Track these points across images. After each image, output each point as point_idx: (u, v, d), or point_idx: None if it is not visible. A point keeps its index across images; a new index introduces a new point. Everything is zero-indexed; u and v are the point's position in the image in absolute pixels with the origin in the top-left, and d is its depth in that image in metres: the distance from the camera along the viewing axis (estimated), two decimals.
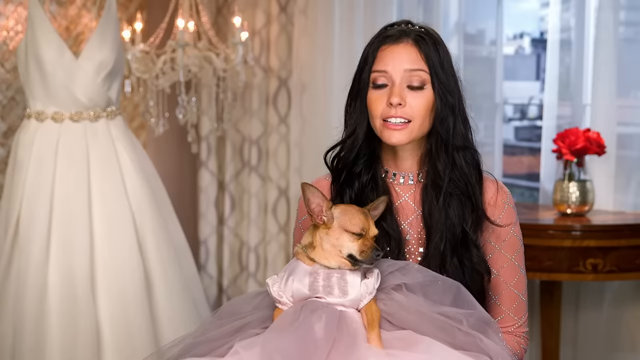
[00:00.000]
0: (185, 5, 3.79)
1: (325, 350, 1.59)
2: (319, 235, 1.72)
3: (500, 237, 1.91)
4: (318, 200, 1.72)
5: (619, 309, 3.49)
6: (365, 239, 1.70)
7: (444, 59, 1.86)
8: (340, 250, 1.69)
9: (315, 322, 1.63)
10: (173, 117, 3.99)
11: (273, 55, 4.17)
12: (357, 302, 1.69)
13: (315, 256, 1.72)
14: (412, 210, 1.92)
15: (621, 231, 3.10)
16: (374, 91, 1.88)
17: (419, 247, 1.91)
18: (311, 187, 1.72)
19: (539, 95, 5.38)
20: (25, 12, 3.59)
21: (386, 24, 1.94)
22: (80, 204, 3.31)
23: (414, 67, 1.84)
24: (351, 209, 1.73)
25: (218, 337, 1.74)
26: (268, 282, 1.75)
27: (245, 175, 4.38)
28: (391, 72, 1.85)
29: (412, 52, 1.85)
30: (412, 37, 1.86)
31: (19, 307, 3.21)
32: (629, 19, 3.44)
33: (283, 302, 1.73)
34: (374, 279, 1.71)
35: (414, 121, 1.84)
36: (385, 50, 1.87)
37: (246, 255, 4.39)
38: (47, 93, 3.35)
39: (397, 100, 1.83)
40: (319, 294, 1.69)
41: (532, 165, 4.97)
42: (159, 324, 3.37)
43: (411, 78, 1.84)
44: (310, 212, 1.73)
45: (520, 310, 1.93)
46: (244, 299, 1.88)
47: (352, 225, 1.70)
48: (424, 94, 1.84)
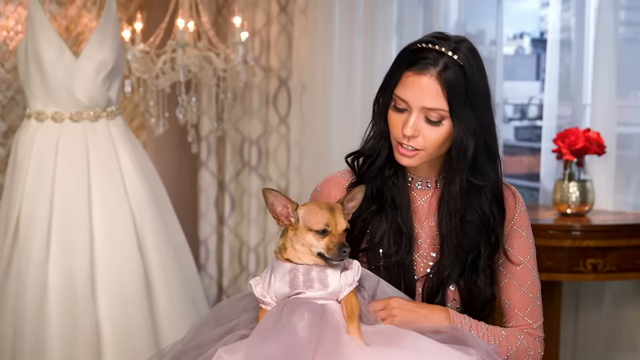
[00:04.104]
0: (185, 5, 3.79)
1: (311, 351, 1.60)
2: (289, 237, 1.74)
3: (513, 242, 1.91)
4: (283, 202, 1.73)
5: (619, 309, 3.49)
6: (332, 235, 1.71)
7: (473, 87, 1.79)
8: (310, 249, 1.72)
9: (297, 322, 1.64)
10: (173, 117, 3.99)
11: (273, 55, 4.17)
12: (337, 293, 1.71)
13: (289, 256, 1.74)
14: (427, 215, 1.92)
15: (621, 231, 3.10)
16: (393, 113, 1.84)
17: (432, 252, 1.91)
18: (273, 191, 1.73)
19: (539, 95, 5.38)
20: (25, 12, 3.59)
21: (417, 40, 1.86)
22: (80, 204, 3.31)
23: (433, 106, 1.78)
24: (315, 207, 1.74)
25: (207, 342, 1.74)
26: (251, 283, 1.78)
27: (245, 175, 4.38)
28: (410, 104, 1.80)
29: (433, 89, 1.78)
30: (438, 70, 1.78)
31: (19, 308, 3.21)
32: (629, 19, 3.44)
33: (267, 302, 1.75)
34: (353, 272, 1.73)
35: (425, 150, 1.82)
36: (409, 78, 1.80)
37: (246, 255, 4.40)
38: (47, 93, 3.35)
39: (410, 133, 1.80)
40: (299, 289, 1.71)
41: (532, 165, 4.97)
42: (159, 324, 3.37)
43: (429, 113, 1.79)
44: (277, 216, 1.74)
45: (535, 314, 1.91)
46: (230, 302, 1.89)
47: (315, 223, 1.71)
48: (440, 129, 1.80)
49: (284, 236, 1.76)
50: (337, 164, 3.91)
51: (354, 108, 3.87)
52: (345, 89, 3.89)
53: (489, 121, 1.85)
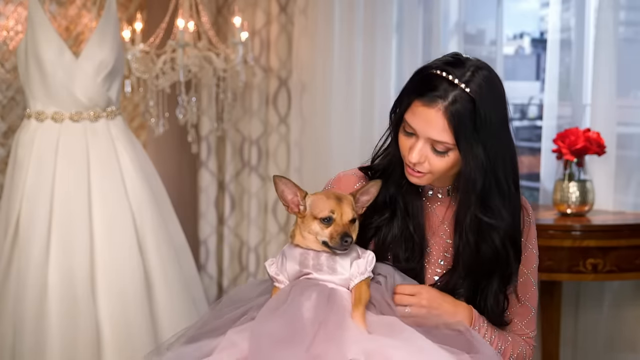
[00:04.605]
0: (185, 5, 3.79)
1: (312, 332, 1.62)
2: (297, 225, 1.78)
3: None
4: (293, 190, 1.77)
5: (619, 309, 3.49)
6: (337, 224, 1.73)
7: (484, 121, 1.73)
8: (316, 237, 1.75)
9: (304, 302, 1.67)
10: (173, 117, 3.99)
11: (273, 55, 4.17)
12: (348, 281, 1.73)
13: (298, 243, 1.78)
14: (438, 222, 1.92)
15: (621, 231, 3.10)
16: (402, 135, 1.82)
17: (439, 260, 1.91)
18: (284, 178, 1.76)
19: (539, 95, 5.37)
20: (25, 12, 3.59)
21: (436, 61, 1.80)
22: (80, 204, 3.31)
23: (439, 139, 1.75)
24: (321, 196, 1.77)
25: (220, 326, 1.76)
26: (266, 264, 1.81)
27: (245, 175, 4.38)
28: (418, 132, 1.78)
29: (440, 123, 1.73)
30: (446, 105, 1.72)
31: (19, 307, 3.21)
32: (629, 19, 3.43)
33: (280, 281, 1.78)
34: (366, 261, 1.75)
35: (432, 174, 1.81)
36: (418, 108, 1.76)
37: (246, 255, 4.39)
38: (47, 93, 3.35)
39: (415, 160, 1.78)
40: (308, 269, 1.74)
41: (532, 165, 4.96)
42: (159, 324, 3.37)
43: (435, 144, 1.77)
44: (287, 203, 1.77)
45: (532, 324, 1.95)
46: (248, 287, 1.91)
47: (319, 211, 1.74)
48: (446, 159, 1.78)
49: (295, 224, 1.80)
50: (337, 164, 3.92)
51: (354, 108, 3.87)
52: (345, 89, 3.89)
53: (504, 155, 1.81)
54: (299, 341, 1.60)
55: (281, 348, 1.60)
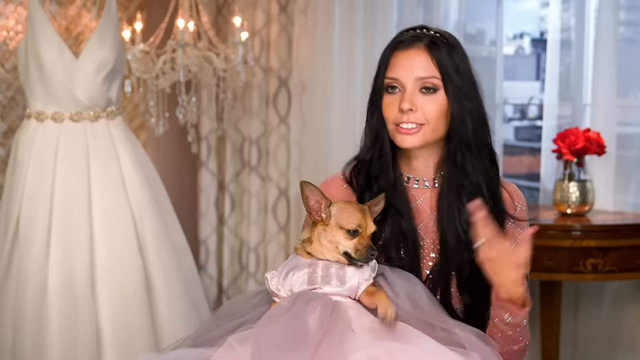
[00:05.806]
0: (185, 5, 3.79)
1: (316, 341, 1.61)
2: (317, 231, 1.76)
3: (513, 238, 1.90)
4: (317, 197, 1.76)
5: (619, 309, 3.49)
6: (362, 237, 1.74)
7: (460, 64, 1.85)
8: (337, 247, 1.74)
9: (309, 314, 1.66)
10: (173, 117, 3.99)
11: (273, 55, 4.17)
12: (355, 289, 1.73)
13: (312, 251, 1.76)
14: (426, 214, 1.93)
15: (621, 231, 3.10)
16: (387, 96, 1.88)
17: (430, 252, 1.92)
18: (310, 184, 1.76)
19: (539, 95, 5.37)
20: (25, 12, 3.59)
21: (402, 29, 1.93)
22: (80, 204, 3.31)
23: (425, 74, 1.84)
24: (348, 207, 1.77)
25: (218, 336, 1.75)
26: (267, 277, 1.79)
27: (245, 175, 4.38)
28: (402, 80, 1.85)
29: (423, 58, 1.84)
30: (425, 43, 1.85)
31: (19, 307, 3.21)
32: (629, 19, 3.44)
33: (280, 296, 1.76)
34: (370, 267, 1.76)
35: (427, 124, 1.85)
36: (397, 56, 1.87)
37: (246, 255, 4.39)
38: (47, 93, 3.35)
39: (407, 106, 1.83)
40: (317, 284, 1.73)
41: (532, 165, 4.97)
42: (159, 324, 3.37)
43: (423, 82, 1.84)
44: (309, 209, 1.76)
45: None
46: (244, 298, 1.90)
47: (348, 222, 1.74)
48: (436, 98, 1.84)
49: (311, 230, 1.78)
50: (337, 164, 3.89)
51: (354, 108, 3.87)
52: (345, 89, 3.89)
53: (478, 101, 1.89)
54: (304, 348, 1.60)
55: (285, 353, 1.59)
